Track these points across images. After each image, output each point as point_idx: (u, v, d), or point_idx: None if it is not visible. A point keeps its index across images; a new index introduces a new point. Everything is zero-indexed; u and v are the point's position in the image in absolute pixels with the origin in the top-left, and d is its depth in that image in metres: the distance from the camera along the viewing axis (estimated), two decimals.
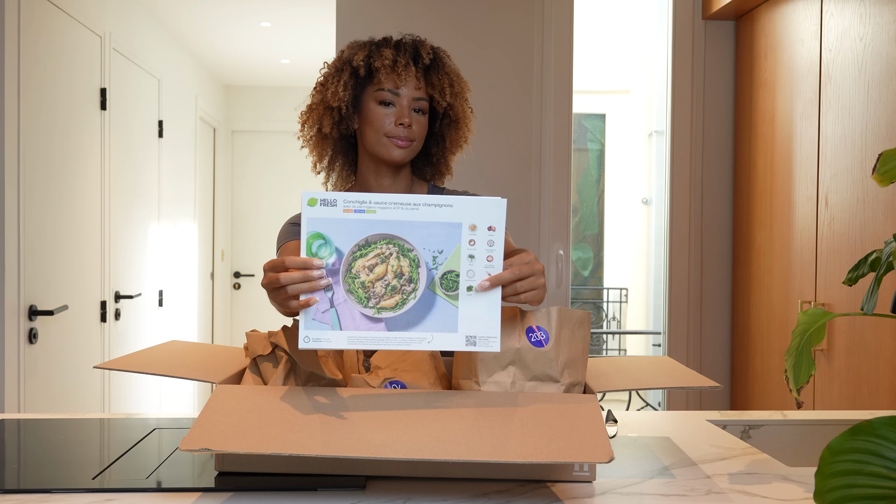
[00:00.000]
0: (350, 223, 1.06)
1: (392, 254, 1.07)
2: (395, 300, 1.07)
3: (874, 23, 2.22)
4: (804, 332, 1.10)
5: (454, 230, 1.07)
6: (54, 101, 2.90)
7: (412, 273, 1.07)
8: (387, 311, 1.07)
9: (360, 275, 1.07)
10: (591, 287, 6.51)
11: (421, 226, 1.07)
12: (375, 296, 1.07)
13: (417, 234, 1.07)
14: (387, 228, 1.06)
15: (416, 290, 1.07)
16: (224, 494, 1.06)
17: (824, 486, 0.79)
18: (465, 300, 1.08)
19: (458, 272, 1.08)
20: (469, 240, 1.08)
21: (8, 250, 2.55)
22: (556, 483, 1.10)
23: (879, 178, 1.06)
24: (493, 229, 1.08)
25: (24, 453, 1.27)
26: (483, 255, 1.08)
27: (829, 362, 2.38)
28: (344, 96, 1.48)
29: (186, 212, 4.83)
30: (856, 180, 2.28)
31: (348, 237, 1.06)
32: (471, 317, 1.08)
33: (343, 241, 1.06)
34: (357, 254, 1.06)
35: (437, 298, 1.08)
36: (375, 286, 1.07)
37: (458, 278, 1.08)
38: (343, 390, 1.14)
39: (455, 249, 1.08)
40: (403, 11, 2.89)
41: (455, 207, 1.07)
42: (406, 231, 1.07)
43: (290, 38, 4.70)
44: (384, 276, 1.07)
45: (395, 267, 1.07)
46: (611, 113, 6.39)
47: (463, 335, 1.08)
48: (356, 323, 1.07)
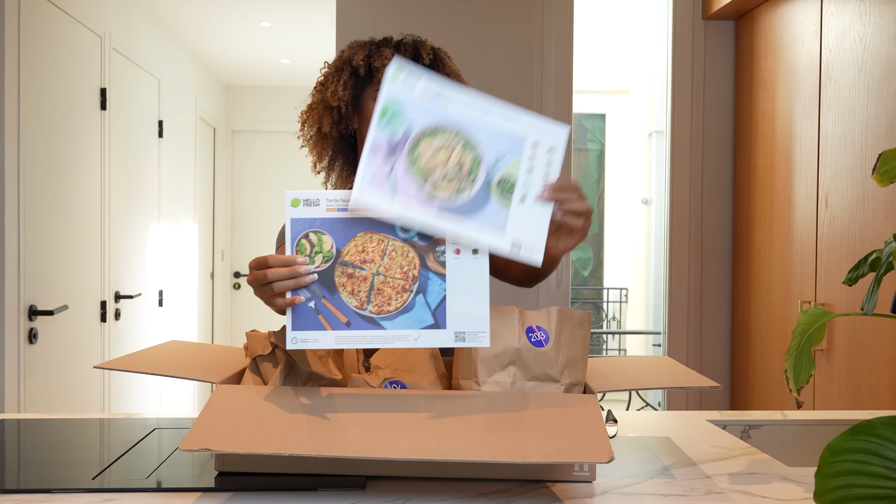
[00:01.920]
0: (426, 106, 1.08)
1: (458, 145, 1.09)
2: (452, 188, 1.08)
3: (874, 23, 2.22)
4: (804, 332, 1.10)
5: (517, 142, 1.10)
6: (54, 101, 2.90)
7: (472, 169, 1.09)
8: (441, 196, 1.08)
9: (424, 156, 1.08)
10: (591, 287, 6.51)
11: (488, 129, 1.09)
12: (433, 179, 1.08)
13: (484, 136, 1.09)
14: (459, 120, 1.09)
15: (473, 186, 1.09)
16: (224, 494, 1.06)
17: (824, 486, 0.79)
18: (516, 209, 1.10)
19: (514, 182, 1.10)
20: (530, 155, 1.10)
21: (8, 250, 2.55)
22: (556, 483, 1.10)
23: (879, 178, 1.06)
24: (554, 151, 1.11)
25: (24, 453, 1.27)
26: (540, 172, 1.10)
27: (829, 362, 2.38)
28: (344, 96, 1.48)
29: (186, 212, 4.83)
30: (856, 180, 2.28)
31: (422, 117, 1.08)
32: (519, 224, 1.09)
33: (416, 118, 1.08)
34: (426, 134, 1.08)
35: (491, 198, 1.09)
36: (435, 171, 1.08)
37: (514, 187, 1.10)
38: (343, 390, 1.14)
39: (515, 160, 1.10)
40: (403, 11, 2.89)
41: (521, 122, 1.10)
42: (475, 129, 1.09)
43: (290, 38, 4.70)
44: (445, 164, 1.08)
45: (457, 158, 1.08)
46: (611, 113, 6.39)
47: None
48: (409, 200, 1.07)
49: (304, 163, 5.77)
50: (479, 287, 1.08)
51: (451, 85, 1.08)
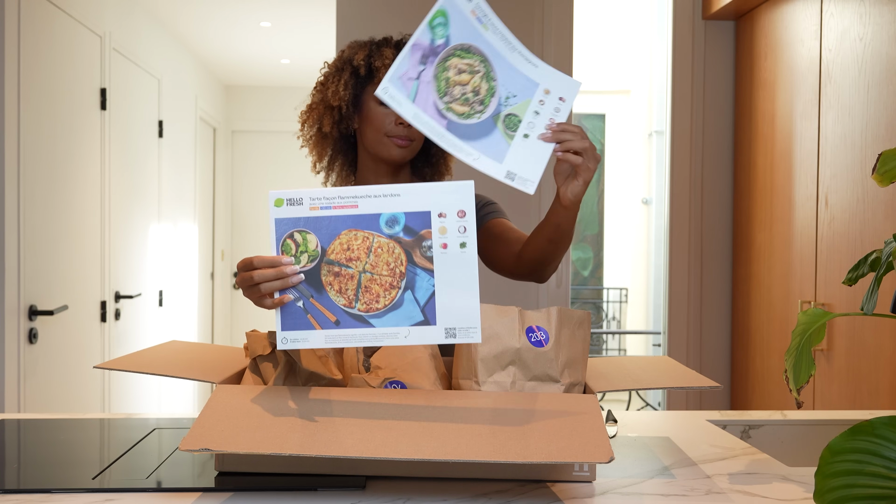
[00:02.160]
0: (470, 23, 1.16)
1: (480, 72, 1.16)
2: (465, 110, 1.15)
3: (874, 23, 2.22)
4: (804, 332, 1.10)
5: (531, 86, 1.18)
6: (54, 101, 2.90)
7: (486, 98, 1.16)
8: (453, 114, 1.15)
9: (449, 71, 1.15)
10: (591, 287, 6.51)
11: (510, 65, 1.17)
12: (451, 95, 1.15)
13: (504, 71, 1.17)
14: (489, 47, 1.17)
15: (483, 113, 1.16)
16: (224, 494, 1.06)
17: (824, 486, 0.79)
18: (518, 143, 1.17)
19: (521, 119, 1.17)
20: (539, 100, 1.18)
21: (8, 250, 2.55)
22: (556, 483, 1.10)
23: (879, 178, 1.06)
24: (564, 100, 1.18)
25: (24, 453, 1.27)
26: (547, 116, 1.18)
27: (829, 362, 2.38)
28: (344, 95, 1.48)
29: (186, 212, 4.83)
30: (856, 180, 2.28)
31: (462, 32, 1.16)
32: (518, 157, 1.16)
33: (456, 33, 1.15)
34: (458, 50, 1.15)
35: (496, 130, 1.16)
36: (454, 88, 1.15)
37: (519, 124, 1.17)
38: (343, 390, 1.14)
39: (526, 100, 1.18)
40: (403, 11, 2.90)
41: (539, 69, 1.19)
42: (499, 62, 1.17)
43: (290, 38, 4.70)
44: (466, 85, 1.15)
45: (476, 83, 1.16)
46: (611, 113, 6.39)
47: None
48: (425, 107, 1.14)
49: (304, 163, 5.77)
50: (469, 282, 1.06)
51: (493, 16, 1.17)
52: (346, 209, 1.06)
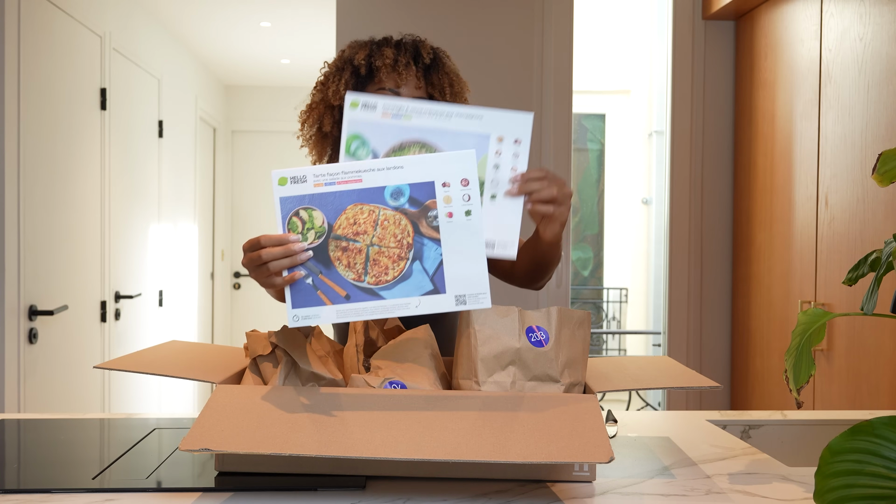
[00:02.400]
0: (387, 128, 1.12)
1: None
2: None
3: (874, 23, 2.22)
4: (804, 332, 1.10)
5: (482, 141, 1.14)
6: (54, 101, 2.90)
7: None
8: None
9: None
10: (591, 287, 6.51)
11: (451, 134, 1.13)
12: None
13: (448, 142, 1.13)
14: (420, 134, 1.13)
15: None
16: (224, 494, 1.06)
17: (824, 486, 0.79)
18: (487, 208, 1.14)
19: (483, 180, 1.14)
20: (496, 150, 1.14)
21: (8, 250, 2.55)
22: (556, 483, 1.10)
23: (879, 178, 1.06)
24: (519, 142, 1.14)
25: (24, 453, 1.27)
26: (508, 166, 1.14)
27: (829, 362, 2.38)
28: (345, 95, 1.48)
29: (186, 212, 4.83)
30: (856, 180, 2.28)
31: (384, 140, 1.12)
32: (492, 223, 1.14)
33: (380, 143, 1.12)
34: (392, 155, 1.12)
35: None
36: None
37: (483, 186, 1.13)
38: (343, 390, 1.14)
39: (482, 159, 1.14)
40: (403, 11, 2.90)
41: (484, 119, 1.13)
42: (437, 138, 1.13)
43: (290, 38, 4.70)
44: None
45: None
46: (611, 113, 6.39)
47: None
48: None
49: (304, 162, 5.76)
50: (475, 249, 1.07)
51: (409, 102, 1.12)
52: (351, 184, 1.06)
